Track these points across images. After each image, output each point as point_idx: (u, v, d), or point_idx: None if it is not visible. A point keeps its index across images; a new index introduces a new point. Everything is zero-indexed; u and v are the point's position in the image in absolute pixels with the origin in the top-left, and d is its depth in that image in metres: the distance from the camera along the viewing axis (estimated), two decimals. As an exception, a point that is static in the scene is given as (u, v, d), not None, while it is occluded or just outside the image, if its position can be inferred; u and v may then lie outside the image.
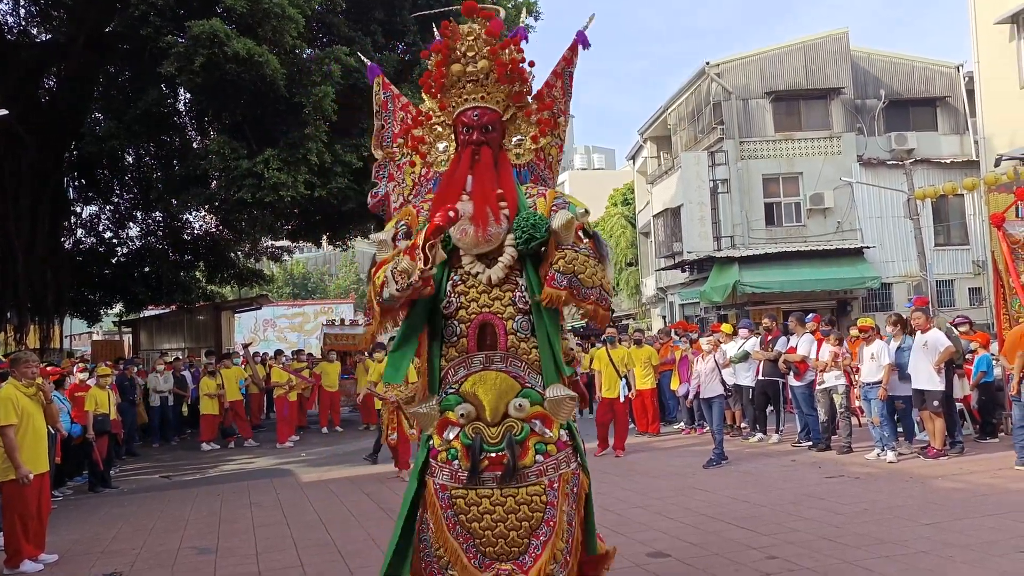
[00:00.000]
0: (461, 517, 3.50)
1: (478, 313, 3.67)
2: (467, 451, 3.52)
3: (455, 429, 3.58)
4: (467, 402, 3.59)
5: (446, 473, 3.55)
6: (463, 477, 3.51)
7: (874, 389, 9.73)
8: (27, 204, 16.05)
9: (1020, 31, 17.64)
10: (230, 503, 9.17)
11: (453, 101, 3.97)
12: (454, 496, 3.52)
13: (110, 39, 15.40)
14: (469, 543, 3.48)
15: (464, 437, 3.56)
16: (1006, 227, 9.95)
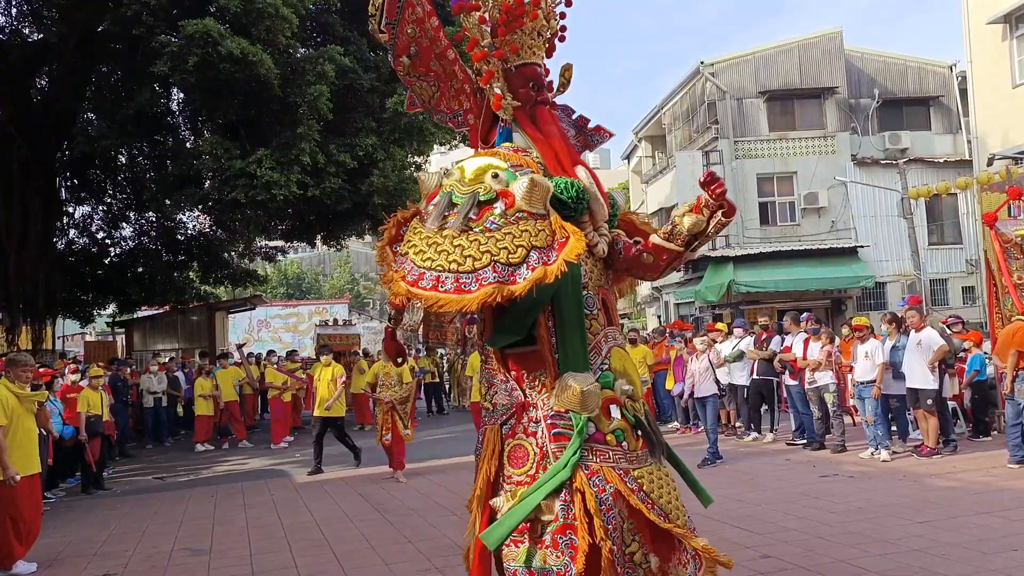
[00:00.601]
0: (652, 496, 3.30)
1: (598, 286, 3.59)
2: (633, 429, 3.42)
3: (616, 407, 3.39)
4: (621, 378, 3.46)
5: (620, 456, 3.32)
6: (636, 457, 3.36)
7: (868, 388, 9.75)
8: (19, 204, 15.97)
9: (1013, 31, 17.68)
10: (224, 504, 9.15)
11: (508, 49, 3.65)
12: (637, 478, 3.30)
13: (102, 38, 15.33)
14: (666, 520, 3.31)
15: (627, 414, 3.43)
16: (998, 226, 9.98)
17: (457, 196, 3.22)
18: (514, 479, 3.34)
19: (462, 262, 3.01)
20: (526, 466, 3.32)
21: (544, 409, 3.33)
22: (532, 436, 3.35)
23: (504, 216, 3.15)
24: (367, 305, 55.83)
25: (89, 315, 21.32)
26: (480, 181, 3.26)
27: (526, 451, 3.34)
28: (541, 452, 3.31)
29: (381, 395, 9.97)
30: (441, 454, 11.86)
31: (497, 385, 3.49)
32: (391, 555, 6.38)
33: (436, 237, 3.12)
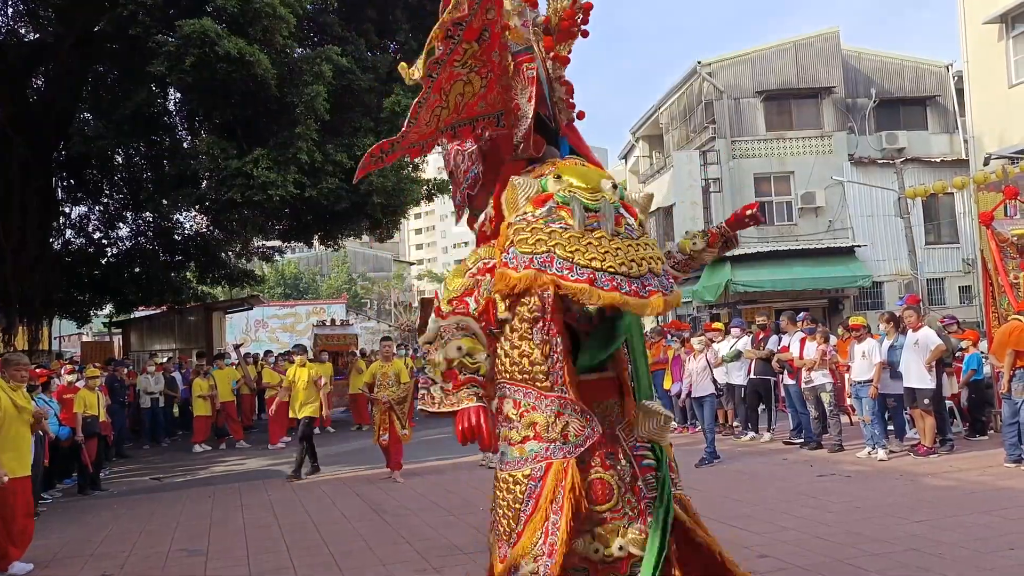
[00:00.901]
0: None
1: None
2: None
3: None
4: None
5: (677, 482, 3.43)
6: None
7: (865, 387, 9.76)
8: (16, 204, 15.94)
9: (1009, 31, 17.70)
10: (221, 504, 9.14)
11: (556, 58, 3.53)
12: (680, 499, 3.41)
13: (99, 38, 15.30)
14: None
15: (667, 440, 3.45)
16: (995, 226, 9.99)
17: (590, 203, 3.06)
18: (596, 516, 3.10)
19: (630, 267, 2.91)
20: (611, 502, 3.12)
21: (626, 440, 3.22)
22: (611, 469, 3.14)
23: (636, 228, 3.09)
24: (364, 305, 55.82)
25: (86, 315, 21.29)
26: (599, 189, 3.13)
27: (610, 485, 3.13)
28: (625, 485, 3.14)
29: (379, 395, 9.96)
30: (439, 454, 11.85)
31: (570, 414, 3.13)
32: (388, 556, 6.38)
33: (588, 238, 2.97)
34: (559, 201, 3.07)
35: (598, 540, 3.09)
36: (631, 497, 3.13)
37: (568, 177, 3.17)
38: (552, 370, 3.14)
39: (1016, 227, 9.95)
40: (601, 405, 3.23)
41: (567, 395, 3.14)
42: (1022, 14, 17.28)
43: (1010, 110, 17.40)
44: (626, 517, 3.11)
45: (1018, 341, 8.53)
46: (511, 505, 3.16)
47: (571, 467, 3.07)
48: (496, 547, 3.23)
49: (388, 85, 15.05)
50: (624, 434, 3.21)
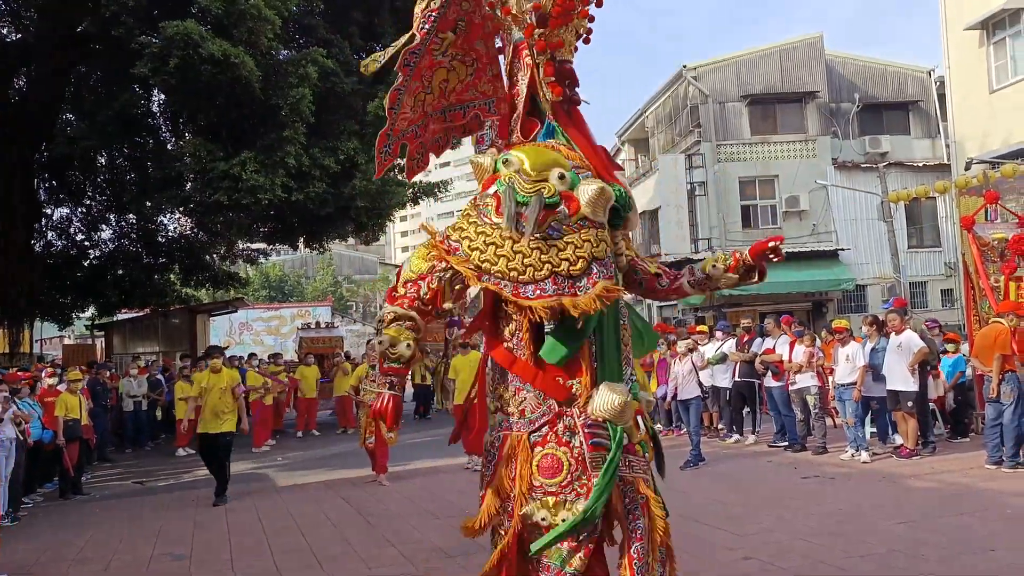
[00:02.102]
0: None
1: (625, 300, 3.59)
2: (651, 440, 3.42)
3: (640, 419, 3.36)
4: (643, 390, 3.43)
5: (644, 466, 3.34)
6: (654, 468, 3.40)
7: (849, 390, 9.82)
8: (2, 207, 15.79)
9: (990, 37, 17.90)
10: (205, 508, 9.07)
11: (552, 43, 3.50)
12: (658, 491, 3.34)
13: (82, 39, 15.20)
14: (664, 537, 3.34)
15: (649, 426, 3.42)
16: (976, 230, 10.09)
17: (521, 195, 3.13)
18: (546, 489, 3.20)
19: (522, 271, 3.01)
20: (559, 476, 3.19)
21: (580, 418, 3.23)
22: (565, 446, 3.21)
23: (566, 222, 3.10)
24: (350, 308, 55.66)
25: (68, 318, 21.12)
26: (544, 178, 3.16)
27: (560, 461, 3.20)
28: (578, 463, 3.19)
29: (365, 398, 9.92)
30: (424, 458, 11.82)
31: (526, 391, 3.29)
32: (374, 559, 6.36)
33: (495, 236, 3.10)
34: (497, 189, 3.20)
35: (546, 509, 3.20)
36: (582, 475, 3.19)
37: (518, 159, 3.24)
38: (517, 347, 3.31)
39: (997, 231, 10.07)
40: (565, 384, 3.30)
41: (521, 373, 3.30)
42: (1003, 20, 17.48)
43: (991, 115, 17.59)
44: (574, 492, 3.18)
45: (1003, 345, 8.61)
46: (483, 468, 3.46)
47: (523, 441, 3.25)
48: None
49: (373, 88, 15.01)
50: (579, 412, 3.25)
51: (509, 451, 3.29)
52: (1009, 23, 17.35)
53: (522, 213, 3.09)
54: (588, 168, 3.40)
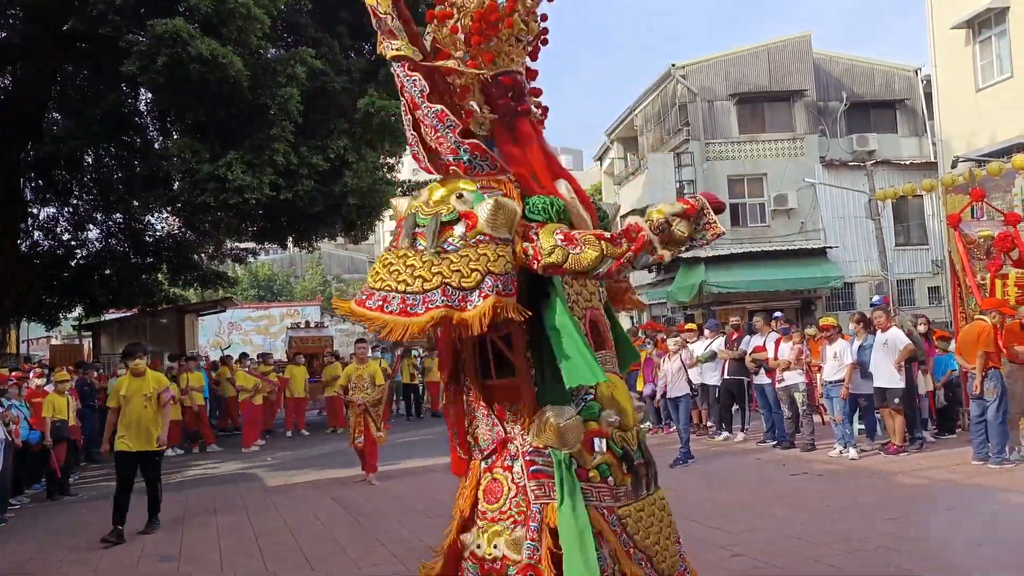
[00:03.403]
0: (636, 538, 3.18)
1: (587, 307, 3.43)
2: (620, 462, 3.24)
3: (601, 440, 3.20)
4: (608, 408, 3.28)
5: (605, 493, 3.16)
6: (623, 493, 3.22)
7: (837, 387, 9.88)
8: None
9: (975, 36, 18.03)
10: (194, 509, 9.04)
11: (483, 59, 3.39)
12: (622, 517, 3.17)
13: (69, 37, 15.09)
14: (648, 567, 3.18)
15: (614, 447, 3.24)
16: (962, 228, 10.16)
17: (421, 218, 3.09)
18: (487, 515, 3.19)
19: (411, 283, 2.90)
20: (499, 502, 3.17)
21: (523, 445, 3.18)
22: (508, 471, 3.19)
23: (463, 238, 3.00)
24: (339, 307, 55.42)
25: (55, 318, 20.97)
26: (446, 202, 3.11)
27: (501, 486, 3.19)
28: (517, 488, 3.15)
29: (353, 398, 9.91)
30: (414, 457, 11.82)
31: (479, 419, 3.31)
32: (364, 558, 6.36)
33: (392, 257, 3.03)
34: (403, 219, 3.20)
35: (481, 536, 3.20)
36: (520, 500, 3.15)
37: (428, 190, 3.24)
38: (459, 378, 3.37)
39: (983, 229, 10.14)
40: (512, 408, 3.27)
41: (471, 397, 3.35)
42: (988, 20, 17.60)
43: (977, 114, 17.72)
44: (511, 519, 3.14)
45: (988, 342, 8.68)
46: None
47: (475, 468, 3.34)
48: None
49: (362, 87, 14.99)
50: (521, 438, 3.21)
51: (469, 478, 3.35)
52: (995, 22, 17.47)
53: (420, 233, 3.04)
54: (505, 187, 3.24)
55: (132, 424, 7.55)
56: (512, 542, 3.10)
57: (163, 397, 7.76)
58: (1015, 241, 9.56)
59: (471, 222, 3.03)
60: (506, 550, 3.11)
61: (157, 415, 7.68)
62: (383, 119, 14.18)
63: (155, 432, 7.65)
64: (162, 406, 7.75)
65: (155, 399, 7.64)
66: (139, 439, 7.56)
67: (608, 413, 3.25)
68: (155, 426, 7.64)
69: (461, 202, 3.09)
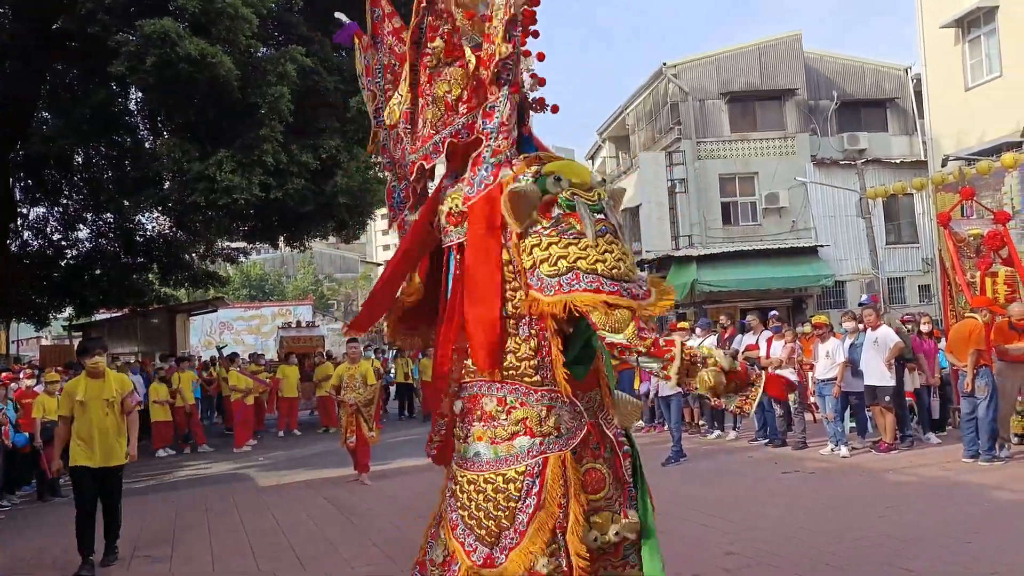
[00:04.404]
0: None
1: None
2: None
3: None
4: None
5: None
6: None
7: (829, 386, 9.92)
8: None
9: (965, 35, 18.12)
10: (186, 509, 9.01)
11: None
12: None
13: (58, 36, 15.01)
14: None
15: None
16: (952, 226, 10.21)
17: (592, 204, 3.10)
18: (591, 504, 3.14)
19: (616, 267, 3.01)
20: (604, 490, 3.17)
21: (610, 429, 3.27)
22: (600, 459, 3.20)
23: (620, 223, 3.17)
24: (331, 307, 55.39)
25: (44, 318, 20.83)
26: (590, 186, 3.15)
27: (602, 474, 3.18)
28: (613, 475, 3.20)
29: (345, 397, 9.89)
30: (407, 456, 11.81)
31: (560, 407, 3.15)
32: (356, 558, 6.35)
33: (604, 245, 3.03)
34: (564, 207, 3.06)
35: (595, 528, 3.12)
36: (618, 485, 3.21)
37: (561, 173, 3.14)
38: (542, 364, 3.14)
39: (972, 227, 10.19)
40: (586, 396, 3.25)
41: (557, 389, 3.14)
42: (977, 19, 17.70)
43: (967, 113, 17.81)
44: (617, 503, 3.18)
45: (979, 340, 8.72)
46: (501, 504, 3.08)
47: (568, 460, 3.10)
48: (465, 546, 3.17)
49: (354, 85, 14.91)
50: (605, 423, 3.26)
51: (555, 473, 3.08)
52: (984, 21, 17.57)
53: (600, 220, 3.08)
54: None
55: (91, 435, 6.40)
56: (630, 526, 3.18)
57: (128, 402, 6.69)
58: (1004, 239, 9.63)
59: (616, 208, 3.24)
60: (626, 533, 3.18)
61: (121, 424, 6.59)
62: (375, 118, 14.14)
63: (119, 444, 6.55)
64: (126, 413, 6.67)
65: (118, 405, 6.54)
66: (101, 453, 6.43)
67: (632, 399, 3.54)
68: (119, 437, 6.55)
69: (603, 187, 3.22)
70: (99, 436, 6.42)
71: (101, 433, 6.43)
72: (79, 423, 6.43)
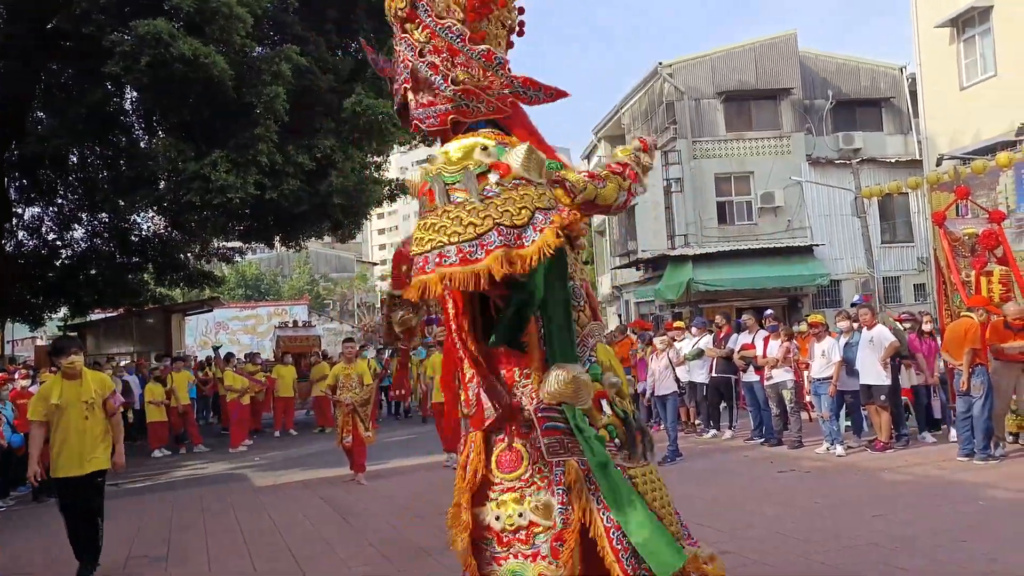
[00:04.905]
0: (646, 499, 3.09)
1: (583, 279, 3.45)
2: (623, 424, 3.21)
3: (605, 403, 3.20)
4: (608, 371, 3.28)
5: (613, 452, 3.12)
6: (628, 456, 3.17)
7: (824, 385, 9.94)
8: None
9: (960, 35, 18.16)
10: (182, 510, 9.00)
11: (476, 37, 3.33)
12: (632, 477, 3.11)
13: (52, 36, 14.97)
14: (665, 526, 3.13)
15: (617, 409, 3.24)
16: (947, 225, 10.22)
17: (449, 177, 2.96)
18: (504, 485, 3.13)
19: (463, 231, 2.76)
20: (519, 470, 3.11)
21: (534, 406, 3.11)
22: (524, 438, 3.13)
23: (500, 184, 2.92)
24: (327, 306, 55.36)
25: (40, 318, 20.80)
26: (469, 158, 3.01)
27: (519, 454, 3.12)
28: (537, 453, 3.08)
29: (342, 397, 9.88)
30: (402, 456, 11.80)
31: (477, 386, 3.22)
32: (353, 558, 6.34)
33: (433, 218, 2.85)
34: (428, 185, 3.01)
35: (501, 507, 3.11)
36: (542, 465, 3.09)
37: (442, 154, 3.10)
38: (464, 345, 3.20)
39: (967, 226, 10.21)
40: (522, 373, 3.19)
41: (481, 368, 3.18)
42: (972, 19, 17.74)
43: (962, 112, 17.85)
44: (534, 485, 3.09)
45: (974, 339, 8.74)
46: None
47: (478, 439, 3.19)
48: None
49: (349, 85, 14.95)
50: (532, 399, 3.13)
51: (471, 449, 3.19)
52: (978, 21, 17.61)
53: (455, 188, 2.92)
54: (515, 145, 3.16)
55: (70, 441, 5.92)
56: (541, 508, 3.05)
57: (110, 404, 6.18)
58: (999, 239, 9.64)
59: (503, 169, 2.96)
60: (534, 516, 3.06)
61: (104, 427, 6.10)
62: (370, 118, 14.16)
63: (102, 449, 6.05)
64: (110, 415, 6.18)
65: (99, 407, 6.06)
66: (80, 460, 5.94)
67: (609, 375, 3.27)
68: (101, 441, 6.05)
69: (486, 154, 3.01)
70: (77, 441, 5.93)
71: (79, 438, 5.93)
72: (57, 429, 5.93)
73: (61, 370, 6.10)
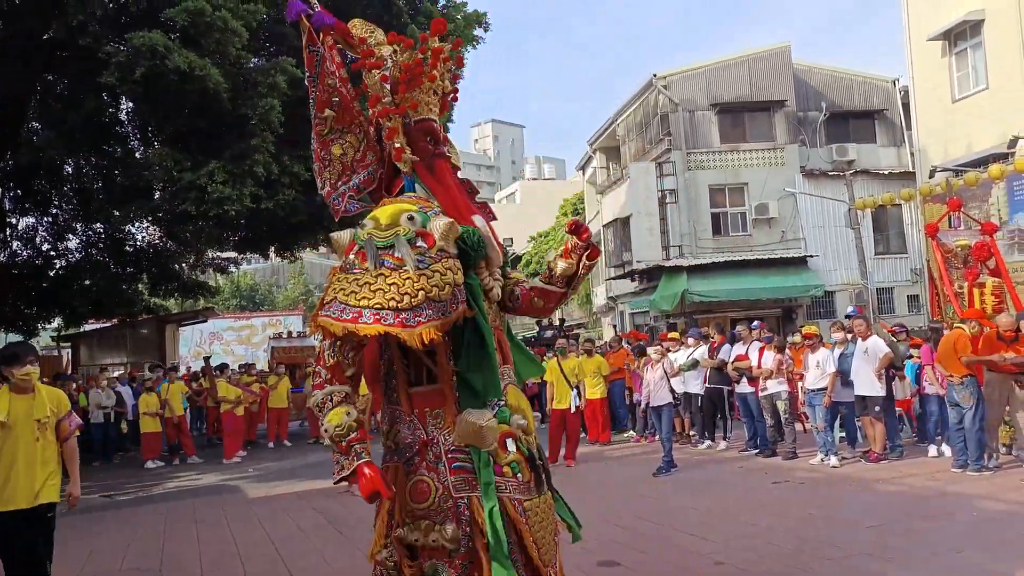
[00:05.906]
0: (533, 528, 3.46)
1: (495, 327, 3.70)
2: (527, 461, 3.55)
3: (511, 441, 3.52)
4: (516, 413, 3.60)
5: (515, 487, 3.47)
6: (527, 488, 3.50)
7: (819, 396, 9.95)
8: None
9: (952, 47, 18.30)
10: (175, 521, 8.96)
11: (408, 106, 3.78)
12: (527, 509, 3.47)
13: (47, 47, 14.98)
14: (539, 554, 3.46)
15: (522, 447, 3.55)
16: (940, 237, 10.29)
17: (381, 241, 3.32)
18: (417, 513, 3.43)
19: (400, 300, 3.15)
20: (427, 501, 3.41)
21: (445, 445, 3.45)
22: (434, 472, 3.43)
23: (428, 255, 3.28)
24: (322, 317, 55.11)
25: (33, 329, 20.70)
26: (397, 224, 3.37)
27: (428, 486, 3.42)
28: (443, 487, 3.40)
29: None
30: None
31: (400, 423, 3.57)
32: (346, 570, 6.32)
33: (367, 277, 3.23)
34: (359, 246, 3.36)
35: (419, 531, 3.43)
36: (446, 497, 3.40)
37: (372, 219, 3.46)
38: (389, 384, 3.61)
39: (960, 238, 10.28)
40: (432, 413, 3.52)
41: (399, 406, 3.56)
42: (964, 32, 17.88)
43: (954, 124, 17.98)
44: (441, 515, 3.39)
45: (963, 350, 8.78)
46: None
47: (399, 471, 3.49)
48: None
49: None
50: (444, 439, 3.47)
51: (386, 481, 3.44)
52: (970, 34, 17.75)
53: (386, 253, 3.28)
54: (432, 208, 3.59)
55: (18, 467, 4.83)
56: (448, 537, 3.35)
57: (64, 426, 5.14)
58: (992, 250, 9.71)
59: (429, 240, 3.33)
60: (444, 542, 3.36)
61: (54, 452, 5.07)
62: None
63: (52, 478, 5.01)
64: (64, 439, 5.14)
65: (52, 428, 5.04)
66: (25, 489, 4.85)
67: (517, 417, 3.56)
68: (51, 469, 5.02)
69: (412, 223, 3.37)
70: (26, 467, 4.86)
71: (27, 463, 4.86)
72: (1, 452, 4.82)
73: (12, 382, 4.94)
